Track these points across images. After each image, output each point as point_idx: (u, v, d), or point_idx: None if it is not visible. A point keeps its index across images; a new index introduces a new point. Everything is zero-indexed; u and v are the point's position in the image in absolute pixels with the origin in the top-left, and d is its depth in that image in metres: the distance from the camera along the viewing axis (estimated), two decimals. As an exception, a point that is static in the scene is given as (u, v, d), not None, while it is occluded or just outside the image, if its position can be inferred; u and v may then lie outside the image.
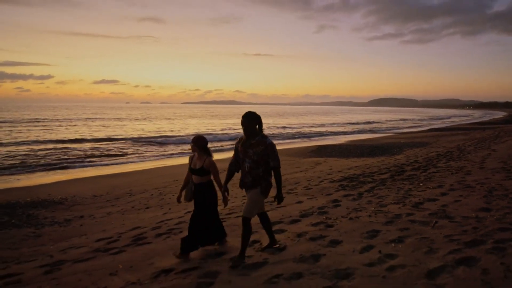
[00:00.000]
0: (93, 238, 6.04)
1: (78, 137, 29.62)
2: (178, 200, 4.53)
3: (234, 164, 4.03)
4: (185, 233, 4.78)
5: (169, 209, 8.07)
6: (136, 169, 16.51)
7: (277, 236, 4.63)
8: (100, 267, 4.08)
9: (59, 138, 28.06)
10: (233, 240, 4.60)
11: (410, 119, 72.21)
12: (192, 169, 4.31)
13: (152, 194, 10.41)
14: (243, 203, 6.54)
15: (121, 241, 5.45)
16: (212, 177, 4.36)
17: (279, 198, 3.84)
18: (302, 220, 5.50)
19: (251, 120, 3.74)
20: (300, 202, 7.05)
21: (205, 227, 4.26)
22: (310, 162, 15.65)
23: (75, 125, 44.60)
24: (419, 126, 50.06)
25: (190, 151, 4.43)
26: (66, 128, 39.59)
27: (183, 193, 4.50)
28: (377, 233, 4.38)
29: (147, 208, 8.63)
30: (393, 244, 3.90)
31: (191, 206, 5.14)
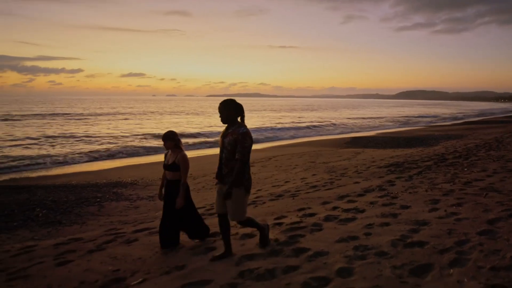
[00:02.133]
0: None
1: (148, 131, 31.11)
2: (160, 198, 4.44)
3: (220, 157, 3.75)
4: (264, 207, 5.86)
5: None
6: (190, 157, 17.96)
7: (350, 205, 5.68)
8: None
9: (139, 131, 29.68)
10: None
11: (441, 112, 71.08)
12: (164, 165, 4.23)
13: (211, 178, 11.68)
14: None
15: (213, 210, 6.66)
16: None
17: (226, 192, 3.45)
18: (367, 195, 6.51)
19: (226, 108, 3.53)
20: (357, 182, 8.07)
21: (178, 225, 4.21)
22: (350, 152, 16.54)
23: (145, 119, 46.44)
24: (451, 119, 49.55)
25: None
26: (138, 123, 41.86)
27: (163, 190, 4.39)
28: (437, 201, 5.36)
29: (211, 189, 9.88)
30: (454, 207, 4.89)
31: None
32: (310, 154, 16.55)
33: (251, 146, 3.52)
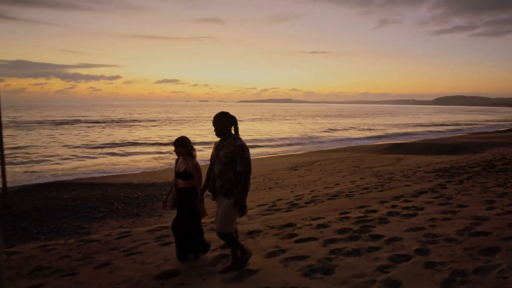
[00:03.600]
0: (251, 205, 8.03)
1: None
2: (164, 205, 4.25)
3: (211, 170, 3.66)
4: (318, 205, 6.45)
5: (292, 190, 9.92)
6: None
7: (408, 204, 6.18)
8: (290, 216, 5.96)
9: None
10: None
11: (484, 119, 68.46)
12: (176, 173, 4.03)
13: (264, 179, 12.41)
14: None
15: (278, 206, 7.35)
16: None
17: (240, 207, 3.42)
18: (421, 196, 6.96)
19: (221, 120, 3.50)
20: (407, 185, 8.49)
21: (190, 236, 4.01)
22: (391, 158, 16.79)
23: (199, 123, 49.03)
24: (495, 126, 47.80)
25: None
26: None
27: (170, 198, 4.20)
28: (493, 202, 5.76)
29: (270, 188, 10.60)
30: (511, 206, 5.29)
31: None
32: (352, 160, 16.95)
33: (250, 157, 3.45)
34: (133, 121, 52.37)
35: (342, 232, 4.52)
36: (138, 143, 25.85)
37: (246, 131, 38.75)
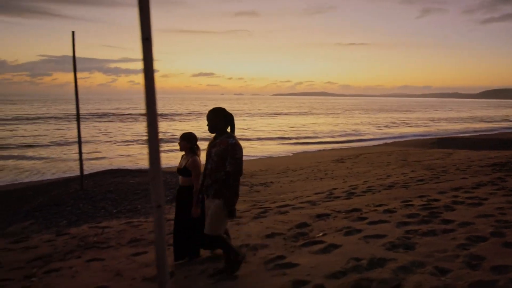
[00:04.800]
0: (305, 194, 8.42)
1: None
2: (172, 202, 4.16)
3: (205, 169, 3.52)
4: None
5: (344, 180, 10.18)
6: (273, 155, 19.37)
7: (469, 194, 6.28)
8: (335, 206, 6.28)
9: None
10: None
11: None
12: (177, 169, 3.96)
13: (312, 170, 12.74)
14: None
15: (336, 194, 7.68)
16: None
17: (229, 211, 3.25)
18: (481, 188, 7.01)
19: (215, 116, 3.35)
20: (464, 178, 8.50)
21: (187, 235, 3.87)
22: (440, 152, 16.51)
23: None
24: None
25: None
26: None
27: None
28: (561, 194, 5.77)
29: (321, 178, 10.92)
30: None
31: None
32: (397, 153, 16.84)
33: (242, 157, 3.27)
34: (178, 114, 54.20)
35: (411, 216, 4.79)
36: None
37: (284, 125, 39.08)
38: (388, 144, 23.70)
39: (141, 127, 32.80)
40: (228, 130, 3.41)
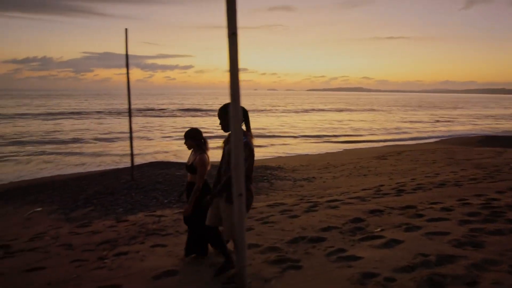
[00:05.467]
0: (351, 190, 8.35)
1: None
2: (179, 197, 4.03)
3: (219, 168, 3.48)
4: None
5: (390, 178, 9.98)
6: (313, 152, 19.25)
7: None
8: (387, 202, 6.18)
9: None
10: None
11: None
12: (185, 166, 3.95)
13: (354, 166, 12.58)
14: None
15: (384, 191, 7.56)
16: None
17: (206, 199, 3.34)
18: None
19: (225, 114, 3.14)
20: (522, 176, 8.11)
21: (192, 232, 3.92)
22: (489, 151, 15.74)
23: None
24: None
25: None
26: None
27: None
28: None
29: (365, 175, 10.77)
30: None
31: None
32: (442, 151, 16.25)
33: (250, 157, 3.11)
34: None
35: (473, 215, 4.66)
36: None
37: (320, 121, 38.68)
38: (430, 142, 22.88)
39: (181, 122, 33.69)
40: (244, 127, 3.21)
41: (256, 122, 34.35)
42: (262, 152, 17.92)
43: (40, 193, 9.41)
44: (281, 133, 26.30)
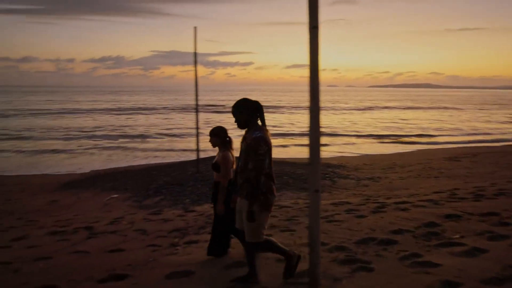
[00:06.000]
0: (421, 192, 7.86)
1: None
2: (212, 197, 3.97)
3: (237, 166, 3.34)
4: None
5: (465, 181, 9.24)
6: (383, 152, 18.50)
7: None
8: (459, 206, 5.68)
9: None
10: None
11: None
12: (211, 164, 3.86)
13: (424, 167, 11.85)
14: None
15: (460, 195, 7.00)
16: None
17: (248, 213, 2.93)
18: None
19: (240, 109, 3.04)
20: None
21: (228, 230, 3.80)
22: None
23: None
24: None
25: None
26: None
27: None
28: None
29: (436, 177, 10.09)
30: None
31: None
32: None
33: (267, 153, 2.93)
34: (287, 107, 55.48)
35: None
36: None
37: (385, 119, 36.98)
38: (508, 144, 20.75)
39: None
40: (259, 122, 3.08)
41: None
42: (325, 150, 17.58)
43: (115, 181, 10.20)
44: (345, 132, 25.58)
